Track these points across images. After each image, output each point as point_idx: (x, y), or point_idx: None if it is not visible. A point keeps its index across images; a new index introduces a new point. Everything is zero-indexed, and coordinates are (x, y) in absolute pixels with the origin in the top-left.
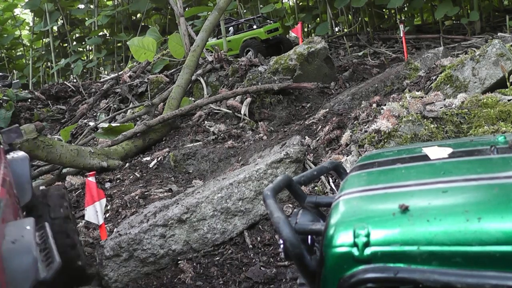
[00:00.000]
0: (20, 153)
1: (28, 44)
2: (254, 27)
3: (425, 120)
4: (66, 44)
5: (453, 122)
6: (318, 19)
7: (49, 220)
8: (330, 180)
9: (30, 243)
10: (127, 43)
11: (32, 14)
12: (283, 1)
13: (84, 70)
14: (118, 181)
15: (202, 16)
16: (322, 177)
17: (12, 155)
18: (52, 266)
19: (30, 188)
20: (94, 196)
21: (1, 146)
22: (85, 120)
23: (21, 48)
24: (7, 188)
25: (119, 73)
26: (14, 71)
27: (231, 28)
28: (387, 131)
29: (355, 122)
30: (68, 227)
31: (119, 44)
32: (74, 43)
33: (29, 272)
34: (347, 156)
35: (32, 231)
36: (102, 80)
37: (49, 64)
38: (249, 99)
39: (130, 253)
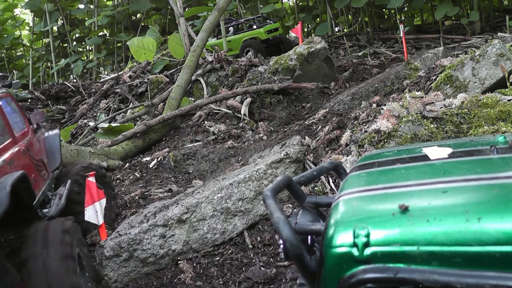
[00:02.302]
0: (54, 130)
1: (28, 44)
2: (254, 27)
3: (425, 120)
4: (66, 44)
5: (453, 122)
6: (318, 19)
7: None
8: (330, 180)
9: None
10: (127, 43)
11: (32, 14)
12: (283, 1)
13: (84, 70)
14: (118, 181)
15: (202, 16)
16: (322, 177)
17: (48, 132)
18: (58, 207)
19: (60, 155)
20: (94, 196)
21: (31, 126)
22: (85, 120)
23: (21, 48)
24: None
25: (119, 73)
26: (14, 71)
27: (231, 28)
28: (387, 131)
29: (355, 122)
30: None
31: (119, 44)
32: (74, 43)
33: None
34: (347, 156)
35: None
36: (102, 80)
37: (49, 64)
38: (249, 99)
39: (130, 253)
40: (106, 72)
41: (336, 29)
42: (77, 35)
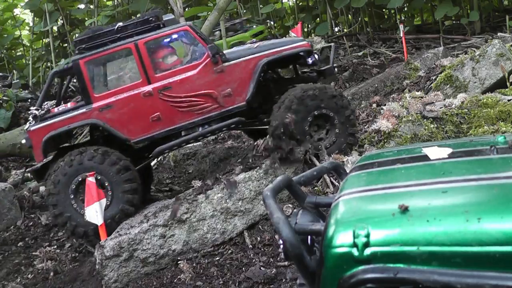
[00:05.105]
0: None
1: (28, 44)
2: (239, 32)
3: (425, 120)
4: (66, 44)
5: (453, 122)
6: (318, 19)
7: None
8: (331, 180)
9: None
10: None
11: (32, 14)
12: (283, 1)
13: None
14: None
15: (202, 16)
16: (322, 177)
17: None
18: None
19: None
20: (94, 196)
21: (207, 61)
22: None
23: (21, 48)
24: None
25: None
26: (14, 71)
27: (217, 33)
28: (387, 131)
29: None
30: None
31: None
32: None
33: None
34: (347, 156)
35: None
36: None
37: (49, 64)
38: None
39: (130, 253)
40: None
41: (336, 29)
42: (77, 35)
